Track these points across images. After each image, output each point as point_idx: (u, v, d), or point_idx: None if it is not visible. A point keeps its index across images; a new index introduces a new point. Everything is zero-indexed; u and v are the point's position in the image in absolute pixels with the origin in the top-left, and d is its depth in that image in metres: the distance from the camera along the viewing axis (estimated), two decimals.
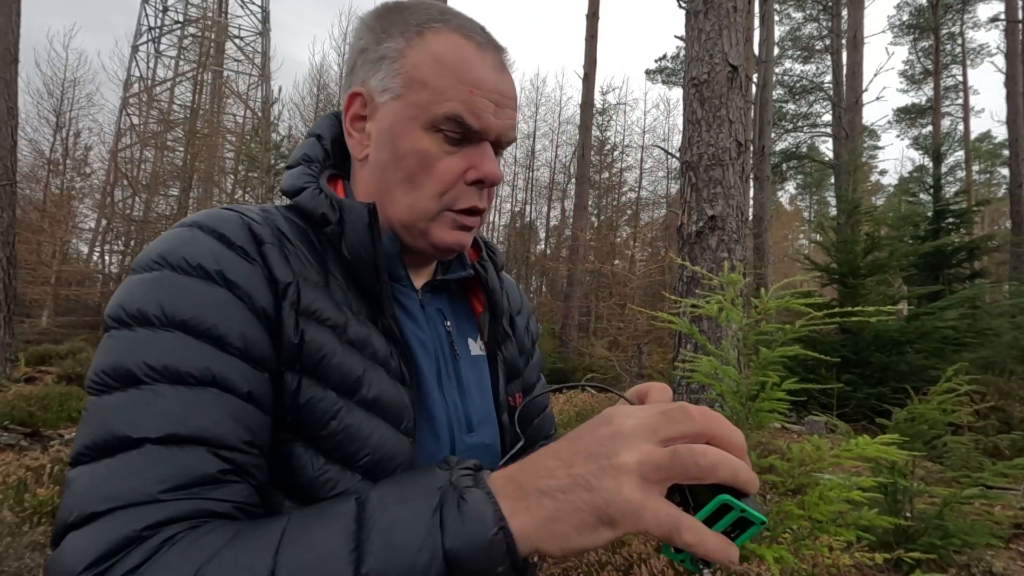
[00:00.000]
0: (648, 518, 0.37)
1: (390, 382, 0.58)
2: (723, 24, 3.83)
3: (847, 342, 6.84)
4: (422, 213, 0.62)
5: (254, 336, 0.52)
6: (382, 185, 0.64)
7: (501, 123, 0.63)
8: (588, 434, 0.42)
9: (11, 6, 6.35)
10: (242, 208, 0.61)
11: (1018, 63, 13.25)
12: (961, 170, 25.46)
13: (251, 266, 0.54)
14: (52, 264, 13.93)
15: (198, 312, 0.50)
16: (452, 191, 0.62)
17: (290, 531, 0.42)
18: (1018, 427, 5.59)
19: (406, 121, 0.61)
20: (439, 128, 0.60)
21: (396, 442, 0.57)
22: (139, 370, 0.47)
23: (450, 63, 0.61)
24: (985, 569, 2.70)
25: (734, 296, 2.10)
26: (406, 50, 0.62)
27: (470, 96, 0.60)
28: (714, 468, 0.37)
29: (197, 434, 0.46)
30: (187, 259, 0.52)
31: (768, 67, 12.92)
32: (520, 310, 0.86)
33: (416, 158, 0.61)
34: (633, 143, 23.72)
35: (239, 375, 0.50)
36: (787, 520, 1.83)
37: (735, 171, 3.77)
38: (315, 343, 0.55)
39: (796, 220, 37.19)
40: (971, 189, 20.71)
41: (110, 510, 0.42)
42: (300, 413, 0.53)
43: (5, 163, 6.26)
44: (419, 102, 0.61)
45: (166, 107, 22.57)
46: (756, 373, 2.00)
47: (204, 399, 0.48)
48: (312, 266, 0.59)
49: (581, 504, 0.39)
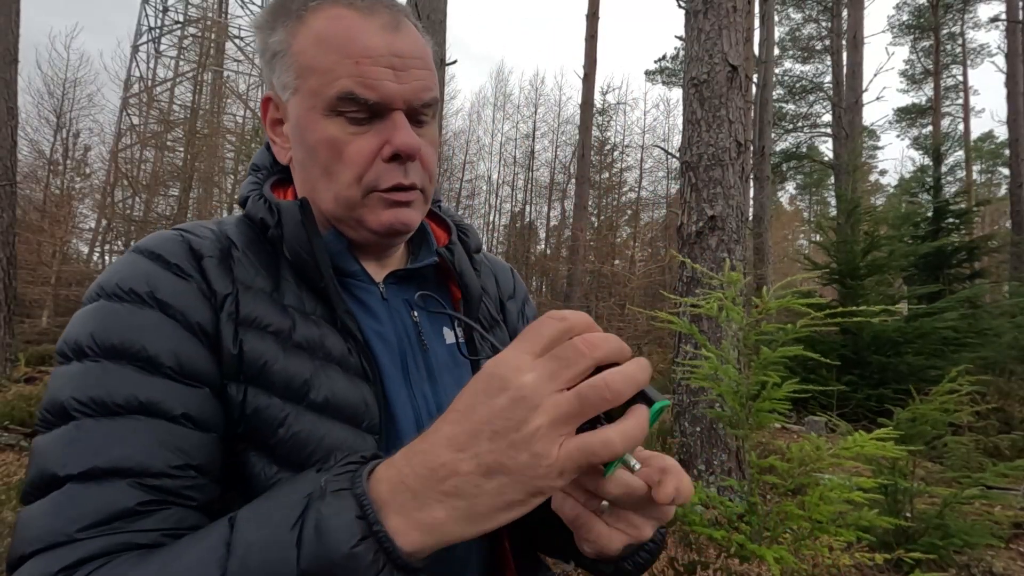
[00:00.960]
0: (571, 467, 0.36)
1: (347, 381, 0.57)
2: (723, 24, 3.83)
3: (847, 342, 6.84)
4: (347, 202, 0.60)
5: (189, 353, 0.52)
6: (308, 183, 0.63)
7: (405, 87, 0.58)
8: (483, 406, 0.36)
9: (11, 6, 6.35)
10: (190, 226, 0.61)
11: (1018, 63, 13.24)
12: (961, 170, 25.46)
13: (186, 282, 0.54)
14: (52, 264, 13.92)
15: (127, 336, 0.50)
16: (370, 172, 0.59)
17: (168, 555, 0.42)
18: (1018, 427, 5.59)
19: (307, 112, 0.59)
20: (338, 110, 0.57)
21: (356, 442, 0.55)
22: (69, 405, 0.48)
23: (331, 39, 0.57)
24: (985, 569, 2.69)
25: (735, 295, 2.10)
26: (291, 39, 0.60)
27: (357, 68, 0.56)
28: (620, 394, 0.36)
29: (117, 466, 0.46)
30: (120, 285, 0.53)
31: (768, 67, 12.91)
32: (513, 294, 0.82)
33: (325, 147, 0.59)
34: (633, 143, 23.71)
35: (171, 397, 0.50)
36: (787, 520, 1.83)
37: (735, 171, 3.77)
38: (255, 352, 0.54)
39: (796, 220, 37.17)
40: (971, 189, 20.71)
41: (34, 552, 0.43)
42: (249, 422, 0.53)
43: (5, 163, 6.26)
44: (312, 89, 0.58)
45: (166, 107, 22.56)
46: (756, 373, 2.00)
47: (129, 428, 0.47)
48: (262, 272, 0.59)
49: (501, 489, 0.36)
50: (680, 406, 3.65)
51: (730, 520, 2.23)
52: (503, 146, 26.31)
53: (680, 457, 3.60)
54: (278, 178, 0.69)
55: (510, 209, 25.49)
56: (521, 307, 0.81)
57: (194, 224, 0.62)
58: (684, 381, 3.59)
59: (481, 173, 26.69)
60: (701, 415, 3.54)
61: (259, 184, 0.66)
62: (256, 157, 0.70)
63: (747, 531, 2.06)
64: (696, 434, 3.55)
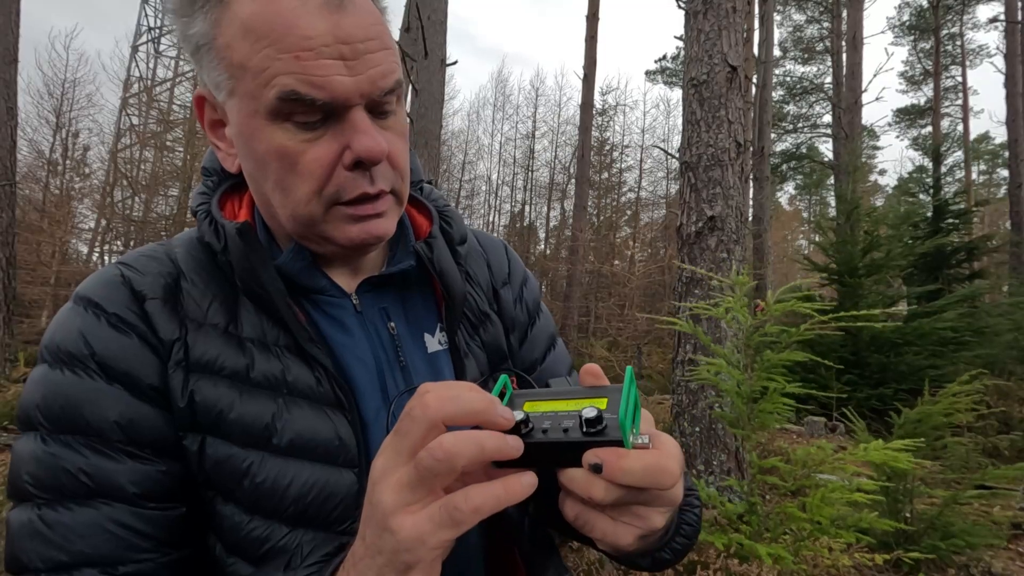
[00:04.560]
0: (432, 531, 0.35)
1: (315, 415, 0.52)
2: (722, 25, 3.83)
3: (846, 343, 6.84)
4: (307, 219, 0.52)
5: (138, 420, 0.49)
6: (262, 197, 0.54)
7: (360, 78, 0.48)
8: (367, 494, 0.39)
9: (11, 6, 6.35)
10: (134, 259, 0.56)
11: (1017, 64, 13.25)
12: (960, 170, 25.45)
13: (127, 337, 0.50)
14: (52, 264, 13.92)
15: (71, 411, 0.48)
16: (331, 183, 0.50)
17: None
18: (1018, 427, 5.59)
19: (248, 119, 0.49)
20: (285, 115, 0.48)
21: (330, 480, 0.51)
22: (28, 487, 0.47)
23: (261, 28, 0.46)
24: (984, 570, 2.69)
25: (741, 298, 2.10)
26: (214, 30, 0.49)
27: (298, 63, 0.46)
28: (452, 455, 0.34)
29: (82, 560, 0.46)
30: (59, 347, 0.50)
31: (768, 68, 12.92)
32: (508, 279, 0.73)
33: (276, 158, 0.49)
34: (633, 143, 23.72)
35: (124, 476, 0.48)
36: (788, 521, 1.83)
37: (734, 171, 3.77)
38: (208, 401, 0.50)
39: (796, 220, 37.19)
40: (970, 189, 20.69)
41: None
42: (210, 474, 0.50)
43: (4, 163, 6.25)
44: (249, 91, 0.48)
45: (165, 107, 22.55)
46: (760, 376, 2.00)
47: (88, 518, 0.46)
48: (216, 302, 0.54)
49: (381, 571, 0.36)
50: (680, 406, 3.65)
51: (730, 520, 2.23)
52: (503, 146, 26.32)
53: None
54: (231, 183, 0.61)
55: (510, 209, 25.52)
56: (519, 292, 0.73)
57: (139, 255, 0.57)
58: (684, 381, 3.59)
59: (481, 173, 26.71)
60: (701, 415, 3.54)
61: (208, 194, 0.58)
62: (206, 159, 0.61)
63: (747, 531, 2.06)
64: (696, 434, 3.55)
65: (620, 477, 0.37)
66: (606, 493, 0.38)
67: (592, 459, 0.37)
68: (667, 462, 0.39)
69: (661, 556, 0.55)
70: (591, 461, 0.37)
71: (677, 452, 0.42)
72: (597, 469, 0.37)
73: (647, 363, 11.28)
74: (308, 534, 0.50)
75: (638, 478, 0.37)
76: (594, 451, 0.37)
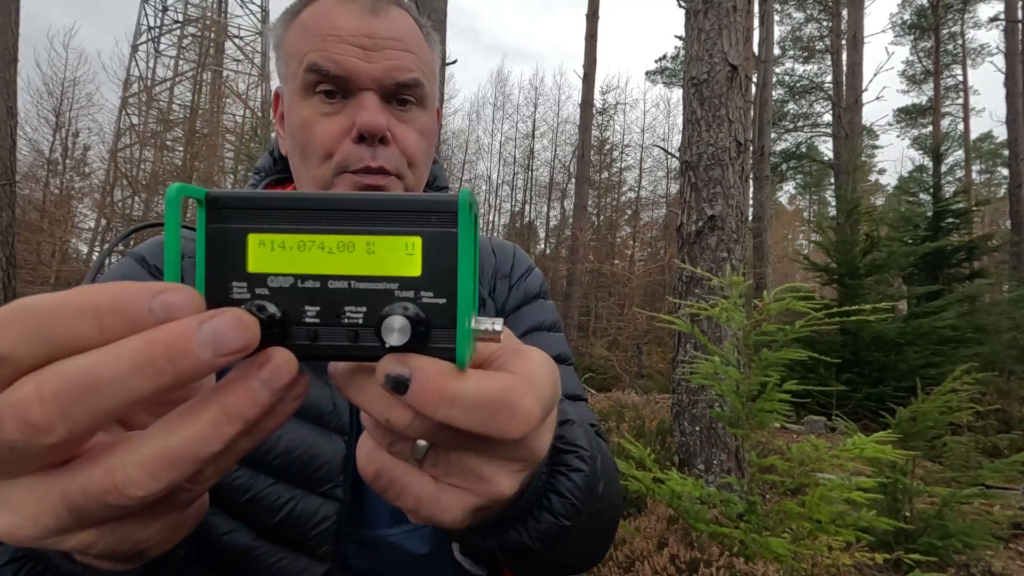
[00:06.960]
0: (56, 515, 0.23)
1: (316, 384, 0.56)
2: (723, 24, 3.83)
3: (846, 342, 6.84)
4: (320, 183, 0.60)
5: None
6: (296, 172, 0.63)
7: (374, 66, 0.58)
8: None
9: (10, 6, 6.34)
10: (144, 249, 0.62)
11: (1018, 63, 13.25)
12: (961, 170, 25.46)
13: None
14: (52, 264, 13.92)
15: None
16: (339, 152, 0.58)
17: None
18: (1017, 427, 5.59)
19: (290, 97, 0.61)
20: (312, 89, 0.58)
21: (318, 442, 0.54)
22: None
23: (310, 25, 0.59)
24: (984, 569, 2.70)
25: (736, 298, 2.11)
26: (286, 34, 0.62)
27: (324, 44, 0.57)
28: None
29: None
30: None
31: (768, 67, 12.91)
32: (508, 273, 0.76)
33: (300, 128, 0.59)
34: (633, 143, 23.73)
35: None
36: (787, 519, 1.83)
37: (735, 171, 3.77)
38: None
39: (796, 220, 37.18)
40: (971, 189, 20.71)
41: None
42: None
43: (4, 163, 6.25)
44: (292, 73, 0.60)
45: (165, 107, 22.55)
46: (757, 374, 2.00)
47: None
48: None
49: None
50: (680, 406, 3.65)
51: (730, 519, 2.23)
52: (503, 145, 26.32)
53: (680, 457, 3.60)
54: (275, 178, 0.70)
55: (510, 209, 25.50)
56: (516, 281, 0.76)
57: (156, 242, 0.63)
58: (684, 381, 3.59)
59: (480, 173, 26.70)
60: (701, 415, 3.54)
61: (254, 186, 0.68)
62: (260, 161, 0.71)
63: (746, 529, 2.07)
64: (696, 434, 3.55)
65: (435, 409, 0.24)
66: (410, 423, 0.25)
67: (392, 369, 0.24)
68: (519, 394, 0.25)
69: (517, 539, 0.38)
70: (391, 372, 0.24)
71: (545, 376, 0.27)
72: (399, 386, 0.24)
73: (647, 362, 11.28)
74: (289, 490, 0.52)
75: (467, 415, 0.24)
76: (398, 358, 0.24)
